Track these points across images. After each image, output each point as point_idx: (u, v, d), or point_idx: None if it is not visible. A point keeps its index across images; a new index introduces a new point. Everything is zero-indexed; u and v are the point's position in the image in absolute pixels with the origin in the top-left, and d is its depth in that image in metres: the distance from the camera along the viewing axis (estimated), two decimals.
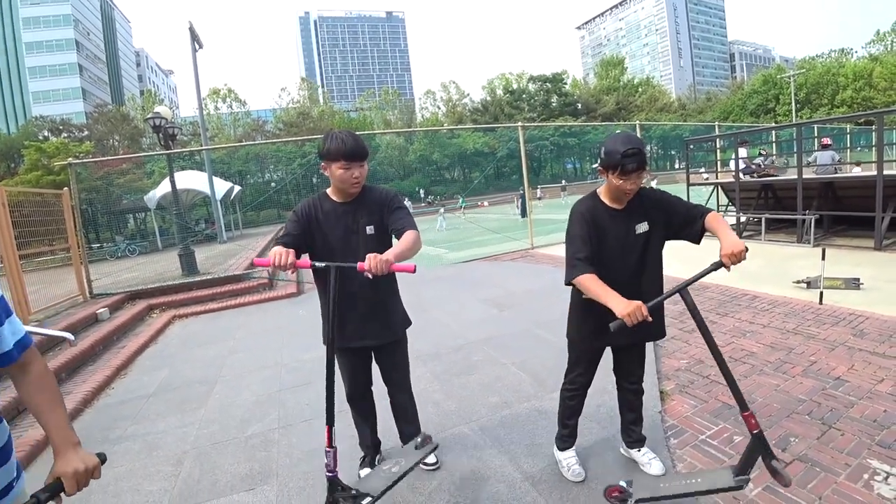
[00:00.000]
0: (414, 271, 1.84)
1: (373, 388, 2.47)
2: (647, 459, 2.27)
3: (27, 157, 26.40)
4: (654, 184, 16.69)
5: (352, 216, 2.16)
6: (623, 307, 1.68)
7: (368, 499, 1.91)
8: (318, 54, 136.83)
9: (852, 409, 2.65)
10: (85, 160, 13.44)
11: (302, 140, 33.12)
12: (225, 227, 20.65)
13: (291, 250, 1.85)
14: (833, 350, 3.44)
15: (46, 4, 61.15)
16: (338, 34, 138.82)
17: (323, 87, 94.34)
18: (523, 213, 20.57)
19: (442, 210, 22.02)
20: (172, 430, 3.33)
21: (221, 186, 21.59)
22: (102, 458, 1.16)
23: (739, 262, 1.75)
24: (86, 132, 39.95)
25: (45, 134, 37.23)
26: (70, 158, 8.66)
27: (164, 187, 20.06)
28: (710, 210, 1.98)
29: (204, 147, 16.74)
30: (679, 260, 3.00)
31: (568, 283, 1.98)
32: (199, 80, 16.53)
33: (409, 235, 2.06)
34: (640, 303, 1.67)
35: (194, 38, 16.52)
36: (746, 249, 1.75)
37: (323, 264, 1.91)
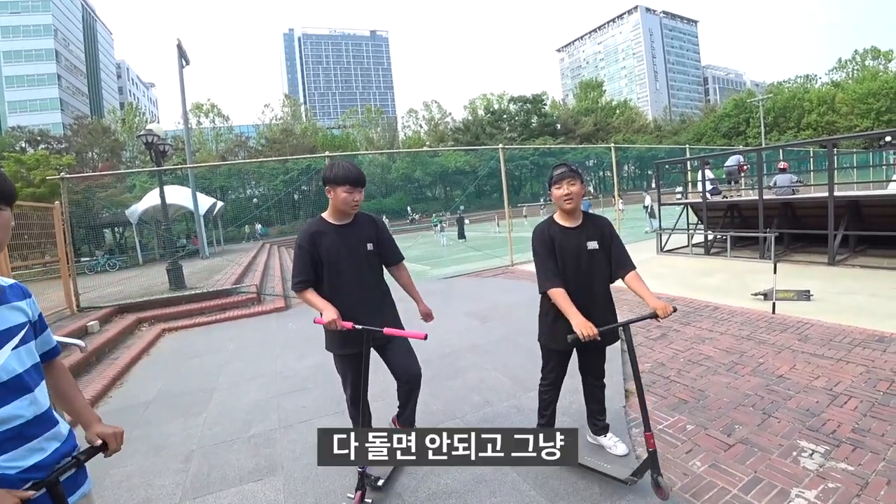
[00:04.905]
0: (426, 339, 2.26)
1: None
2: (613, 443, 2.64)
3: (6, 168, 26.00)
4: (648, 200, 17.26)
5: (352, 235, 2.53)
6: (579, 323, 2.17)
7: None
8: (302, 71, 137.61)
9: (790, 401, 3.04)
10: (77, 175, 13.43)
11: (286, 159, 33.31)
12: (207, 243, 20.65)
13: (339, 318, 2.26)
14: (779, 353, 3.86)
15: (27, 14, 60.55)
16: (321, 52, 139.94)
17: (306, 103, 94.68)
18: (460, 235, 21.46)
19: (440, 227, 22.50)
20: (177, 432, 3.55)
21: (204, 202, 21.61)
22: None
23: (667, 317, 2.25)
24: (65, 144, 39.42)
25: (23, 145, 36.62)
26: (63, 173, 8.78)
27: (147, 202, 20.03)
28: (634, 267, 2.45)
29: (189, 165, 16.83)
30: (650, 276, 3.38)
31: (542, 292, 2.42)
32: (185, 97, 16.71)
33: (406, 275, 2.80)
34: (592, 326, 2.15)
35: (182, 54, 16.73)
36: (675, 309, 2.30)
37: (360, 327, 2.30)
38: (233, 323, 7.28)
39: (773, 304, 5.05)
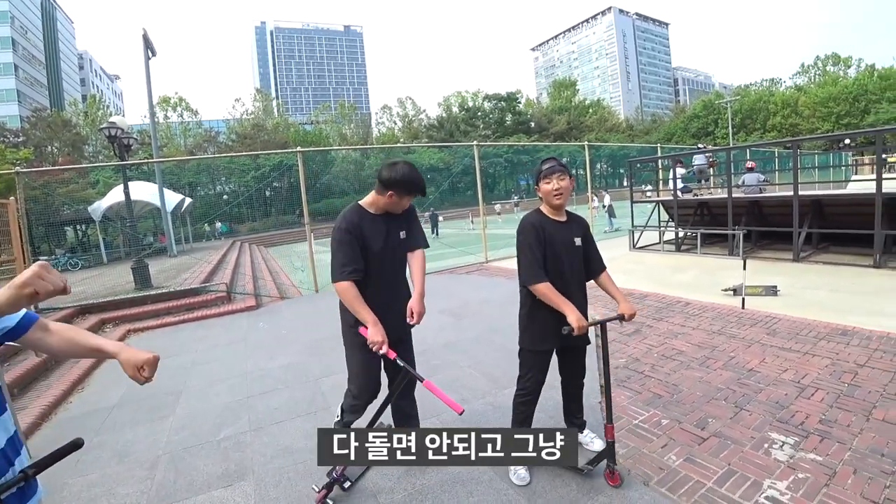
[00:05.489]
0: (461, 413, 1.99)
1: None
2: (590, 439, 2.64)
3: None
4: (607, 199, 17.49)
5: (392, 225, 2.43)
6: (576, 318, 2.16)
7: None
8: (274, 66, 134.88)
9: (760, 393, 3.11)
10: (34, 169, 12.78)
11: (258, 154, 32.57)
12: (175, 241, 20.05)
13: (385, 342, 2.19)
14: (749, 347, 3.95)
15: None
16: (294, 46, 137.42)
17: (278, 98, 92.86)
18: (434, 232, 21.70)
19: None
20: (142, 438, 3.40)
21: (172, 198, 20.97)
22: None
23: (633, 318, 2.39)
24: (22, 137, 37.71)
25: None
26: (17, 168, 8.37)
27: (111, 198, 19.32)
28: (604, 267, 2.54)
29: (156, 160, 16.31)
30: (623, 272, 3.40)
31: (526, 284, 2.34)
32: (151, 89, 16.15)
33: (419, 263, 2.57)
34: (585, 321, 2.20)
35: (148, 45, 16.16)
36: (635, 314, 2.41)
37: (402, 363, 2.21)
38: (201, 323, 7.06)
39: (743, 299, 5.17)
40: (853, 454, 2.40)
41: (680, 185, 10.15)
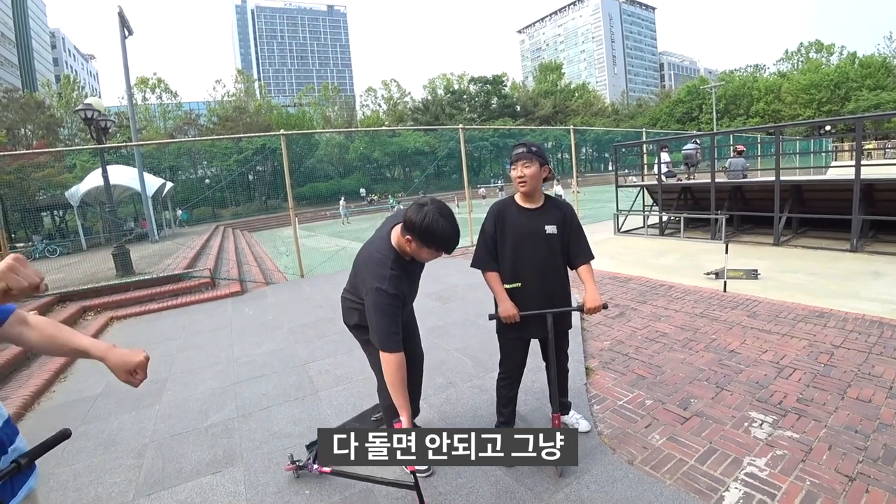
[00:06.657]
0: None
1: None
2: (575, 420, 2.68)
3: None
4: (559, 189, 16.89)
5: (416, 271, 2.29)
6: (504, 309, 2.32)
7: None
8: (255, 46, 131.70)
9: (741, 374, 3.19)
10: (7, 153, 12.29)
11: (240, 137, 31.97)
12: (157, 226, 19.70)
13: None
14: (731, 329, 4.05)
15: None
16: (276, 26, 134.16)
17: (260, 80, 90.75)
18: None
19: (396, 209, 22.93)
20: (128, 426, 3.37)
21: (152, 183, 20.55)
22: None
23: (596, 313, 2.34)
24: None
25: None
26: None
27: (89, 183, 18.86)
28: (591, 258, 2.44)
29: (135, 143, 15.92)
30: (608, 256, 3.42)
31: (473, 267, 2.49)
32: (128, 69, 15.70)
33: None
34: (516, 311, 2.30)
35: (124, 24, 15.67)
36: (605, 306, 2.34)
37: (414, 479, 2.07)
38: (186, 309, 6.99)
39: (724, 282, 5.28)
40: (828, 431, 2.49)
41: (664, 169, 10.23)
